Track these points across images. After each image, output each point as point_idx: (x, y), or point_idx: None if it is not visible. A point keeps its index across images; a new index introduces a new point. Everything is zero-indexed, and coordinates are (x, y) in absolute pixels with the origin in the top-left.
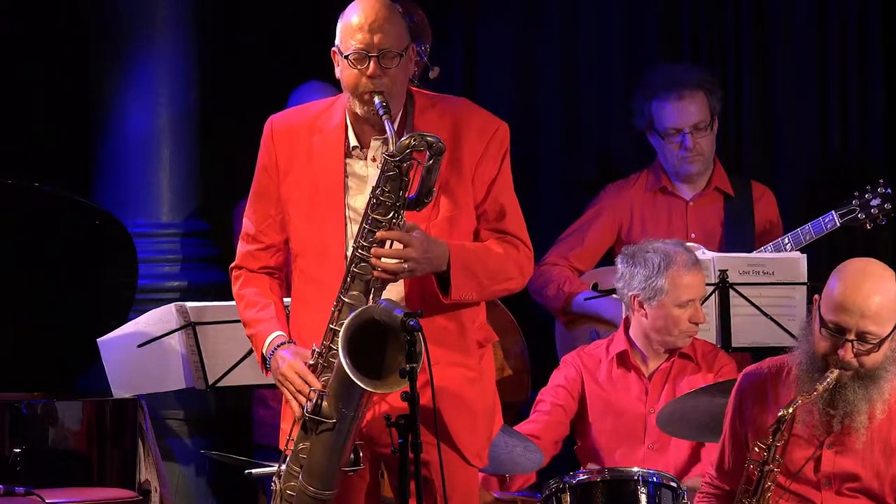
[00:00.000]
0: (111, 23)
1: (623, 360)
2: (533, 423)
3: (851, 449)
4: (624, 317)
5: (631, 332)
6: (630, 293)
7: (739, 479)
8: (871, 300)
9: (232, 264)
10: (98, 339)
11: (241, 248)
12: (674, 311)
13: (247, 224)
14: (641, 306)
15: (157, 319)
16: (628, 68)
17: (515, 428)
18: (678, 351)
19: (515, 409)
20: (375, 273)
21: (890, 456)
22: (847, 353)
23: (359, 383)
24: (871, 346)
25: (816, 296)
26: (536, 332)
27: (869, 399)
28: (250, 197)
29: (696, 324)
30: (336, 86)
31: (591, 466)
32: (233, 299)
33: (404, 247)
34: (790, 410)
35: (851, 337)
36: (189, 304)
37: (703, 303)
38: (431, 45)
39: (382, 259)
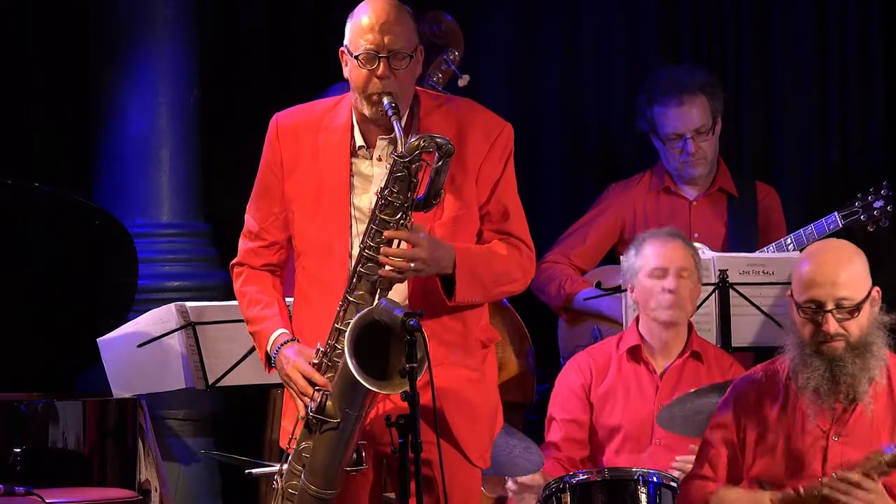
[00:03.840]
0: (111, 23)
1: (634, 354)
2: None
3: (859, 438)
4: (633, 316)
5: (641, 328)
6: (626, 284)
7: (719, 465)
8: (839, 269)
9: (233, 261)
10: (98, 339)
11: (243, 244)
12: (647, 283)
13: (249, 221)
14: (633, 291)
15: (157, 319)
16: (629, 68)
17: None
18: (690, 350)
19: (522, 410)
20: (382, 272)
21: None
22: (830, 324)
23: (364, 384)
24: (850, 310)
25: (788, 292)
26: (539, 330)
27: (867, 367)
28: (253, 194)
29: (670, 291)
30: None
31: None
32: (233, 299)
33: (412, 247)
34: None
35: (830, 307)
36: (189, 304)
37: (702, 303)
38: (462, 52)
39: (390, 258)
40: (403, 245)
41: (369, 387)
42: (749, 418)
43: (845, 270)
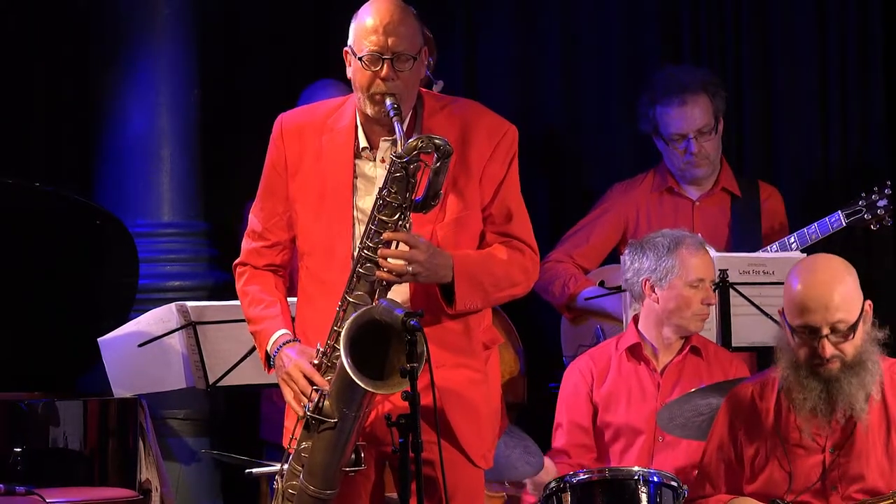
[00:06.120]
0: (111, 23)
1: (634, 352)
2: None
3: (855, 450)
4: (632, 315)
5: (641, 327)
6: (641, 278)
7: (720, 483)
8: (831, 291)
9: (236, 261)
10: (98, 339)
11: (247, 244)
12: (685, 292)
13: (253, 221)
14: (653, 290)
15: (157, 319)
16: (628, 68)
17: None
18: (690, 345)
19: (514, 410)
20: (379, 273)
21: (893, 455)
22: (827, 349)
23: (360, 384)
24: (845, 333)
25: (779, 308)
26: (535, 332)
27: (863, 384)
28: (258, 194)
29: (709, 305)
30: (347, 84)
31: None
32: (233, 299)
33: (410, 248)
34: None
35: (825, 332)
36: (189, 303)
37: None
38: (436, 58)
39: (388, 259)
40: (402, 246)
41: (365, 387)
42: (744, 434)
43: (837, 291)
